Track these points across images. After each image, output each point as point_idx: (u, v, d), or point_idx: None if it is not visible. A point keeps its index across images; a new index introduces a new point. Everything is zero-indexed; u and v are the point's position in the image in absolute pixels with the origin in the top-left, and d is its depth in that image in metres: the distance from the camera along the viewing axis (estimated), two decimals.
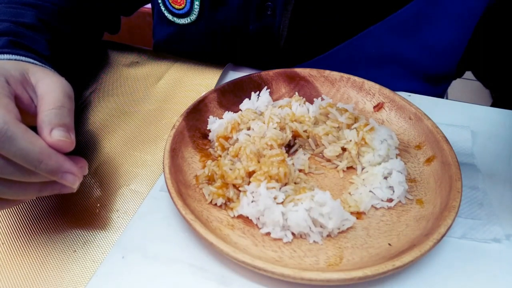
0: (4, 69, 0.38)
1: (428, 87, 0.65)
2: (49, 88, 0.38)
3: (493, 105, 0.64)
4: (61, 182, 0.36)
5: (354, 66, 0.59)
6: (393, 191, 0.44)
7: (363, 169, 0.48)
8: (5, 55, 0.42)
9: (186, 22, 0.64)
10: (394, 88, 0.55)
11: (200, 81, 0.61)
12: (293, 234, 0.41)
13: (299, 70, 0.58)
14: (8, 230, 0.43)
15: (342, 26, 0.60)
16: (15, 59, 0.42)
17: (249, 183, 0.43)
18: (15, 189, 0.35)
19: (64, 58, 0.54)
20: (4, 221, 0.43)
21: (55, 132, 0.35)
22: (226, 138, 0.48)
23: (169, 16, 0.65)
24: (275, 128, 0.48)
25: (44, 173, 0.35)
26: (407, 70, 0.63)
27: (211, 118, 0.51)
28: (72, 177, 0.36)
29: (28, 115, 0.38)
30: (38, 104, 0.37)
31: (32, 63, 0.43)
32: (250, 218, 0.42)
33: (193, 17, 0.63)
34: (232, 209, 0.43)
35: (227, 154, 0.47)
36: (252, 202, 0.42)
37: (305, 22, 0.61)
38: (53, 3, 0.54)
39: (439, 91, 0.68)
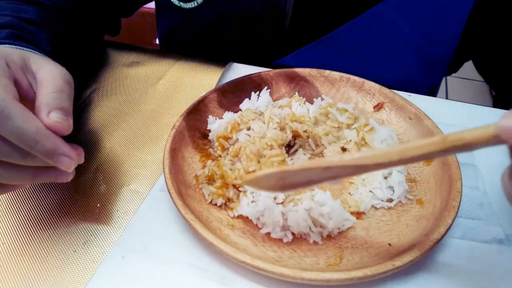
0: (5, 53, 0.38)
1: (426, 74, 0.65)
2: (50, 75, 0.38)
3: (494, 105, 0.64)
4: (56, 165, 0.35)
5: (356, 48, 0.58)
6: (393, 191, 0.44)
7: None
8: (7, 45, 0.42)
9: (193, 6, 0.63)
10: (392, 75, 0.55)
11: (201, 81, 0.61)
12: (293, 234, 0.41)
13: (299, 70, 0.58)
14: (8, 230, 0.43)
15: (346, 5, 0.61)
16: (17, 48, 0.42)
17: None
18: (10, 172, 0.35)
19: (65, 57, 0.54)
20: (4, 221, 0.43)
21: (52, 114, 0.35)
22: (226, 138, 0.48)
23: (175, 2, 0.64)
24: (275, 128, 0.48)
25: (40, 155, 0.34)
26: (407, 52, 0.63)
27: (211, 118, 0.51)
28: (68, 160, 0.35)
29: (26, 102, 0.37)
30: (37, 88, 0.37)
31: (34, 52, 0.42)
32: (250, 218, 0.42)
33: (200, 0, 0.62)
34: (232, 209, 0.43)
35: (227, 154, 0.47)
36: (252, 202, 0.42)
37: (309, 0, 0.61)
38: (53, 1, 0.54)
39: (434, 79, 0.68)
